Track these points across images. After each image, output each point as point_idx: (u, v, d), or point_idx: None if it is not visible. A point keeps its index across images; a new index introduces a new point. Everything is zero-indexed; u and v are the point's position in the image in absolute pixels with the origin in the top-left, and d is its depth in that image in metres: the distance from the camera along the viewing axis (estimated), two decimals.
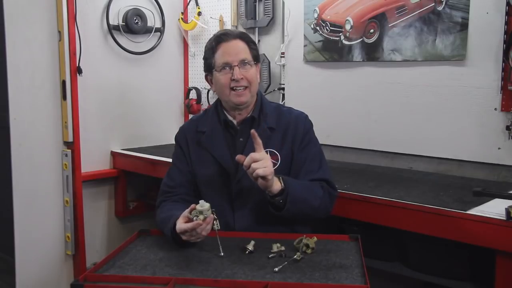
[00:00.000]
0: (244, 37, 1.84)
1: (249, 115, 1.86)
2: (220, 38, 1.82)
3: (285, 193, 1.67)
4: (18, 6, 2.71)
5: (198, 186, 1.90)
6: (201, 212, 1.55)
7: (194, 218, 1.55)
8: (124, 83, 3.24)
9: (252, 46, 1.86)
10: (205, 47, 1.88)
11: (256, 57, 1.86)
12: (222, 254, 1.57)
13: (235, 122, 1.87)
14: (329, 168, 1.90)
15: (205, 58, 1.88)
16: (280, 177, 1.69)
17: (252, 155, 1.60)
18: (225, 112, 1.88)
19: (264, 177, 1.60)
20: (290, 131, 1.86)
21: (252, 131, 1.67)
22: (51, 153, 2.88)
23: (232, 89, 1.79)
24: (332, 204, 1.84)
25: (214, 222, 1.59)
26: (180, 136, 1.96)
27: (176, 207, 1.76)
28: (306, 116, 1.92)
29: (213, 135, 1.88)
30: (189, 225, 1.56)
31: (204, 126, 1.90)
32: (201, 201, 1.58)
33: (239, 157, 1.66)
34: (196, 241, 1.60)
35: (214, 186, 1.85)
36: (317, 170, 1.84)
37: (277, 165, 1.81)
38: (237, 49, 1.80)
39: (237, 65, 1.78)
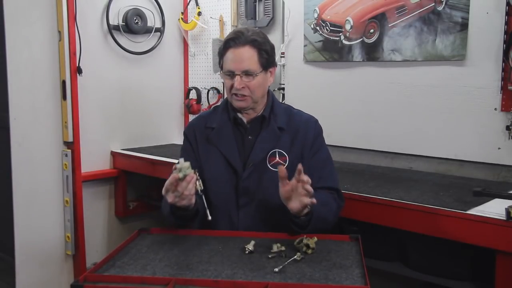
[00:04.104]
0: (255, 44, 1.77)
1: (259, 114, 1.87)
2: (228, 43, 1.78)
3: (310, 214, 1.67)
4: (18, 6, 2.71)
5: (204, 181, 1.87)
6: (180, 170, 1.56)
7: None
8: (124, 83, 3.24)
9: (263, 54, 1.79)
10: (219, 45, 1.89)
11: (267, 65, 1.81)
12: (209, 218, 1.61)
13: (244, 120, 1.87)
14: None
15: (218, 57, 1.88)
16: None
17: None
18: (235, 110, 1.88)
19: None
20: (300, 134, 1.85)
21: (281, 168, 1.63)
22: (51, 153, 2.88)
23: (233, 94, 1.80)
24: (338, 214, 1.84)
25: (197, 182, 1.60)
26: (189, 131, 1.95)
27: None
28: (316, 120, 1.92)
29: (222, 131, 1.88)
30: (167, 180, 1.58)
31: (213, 123, 1.90)
32: (181, 159, 1.59)
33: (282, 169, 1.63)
34: (182, 203, 1.61)
35: (221, 182, 1.84)
36: (328, 177, 1.85)
37: (285, 166, 1.79)
38: (242, 58, 1.76)
39: (239, 75, 1.76)
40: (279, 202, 1.80)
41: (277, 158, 1.82)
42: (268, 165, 1.82)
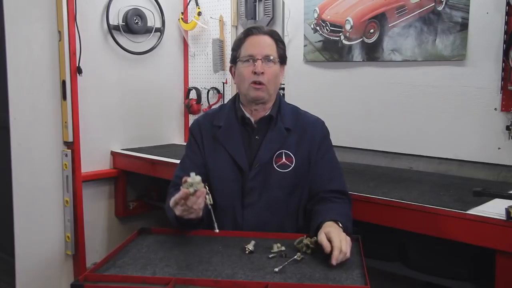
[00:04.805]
0: (273, 35, 1.86)
1: (267, 114, 1.86)
2: (250, 31, 1.85)
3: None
4: (18, 6, 2.71)
5: (209, 180, 1.88)
6: (191, 185, 1.54)
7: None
8: (124, 83, 3.24)
9: (280, 45, 1.87)
10: (235, 39, 1.92)
11: (282, 57, 1.87)
12: (217, 230, 1.58)
13: (252, 119, 1.87)
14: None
15: (232, 49, 1.91)
16: (339, 222, 1.64)
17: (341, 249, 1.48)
18: (243, 109, 1.88)
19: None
20: (307, 135, 1.85)
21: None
22: (51, 153, 2.88)
23: (251, 83, 1.80)
24: None
25: (207, 196, 1.58)
26: (195, 128, 1.94)
27: None
28: (323, 122, 1.93)
29: (229, 130, 1.87)
30: (177, 195, 1.56)
31: (220, 121, 1.90)
32: (192, 174, 1.56)
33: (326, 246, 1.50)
34: (190, 216, 1.60)
35: (226, 181, 1.84)
36: (338, 180, 1.85)
37: (291, 168, 1.81)
38: (264, 44, 1.82)
39: (261, 59, 1.79)
40: (283, 203, 1.83)
41: (284, 159, 1.82)
42: (275, 166, 1.81)
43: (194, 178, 1.55)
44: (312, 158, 1.84)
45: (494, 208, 1.75)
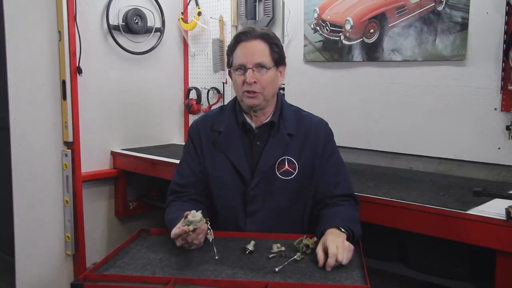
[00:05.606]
0: (266, 38, 1.75)
1: (268, 120, 1.81)
2: (240, 37, 1.75)
3: (351, 237, 1.61)
4: (18, 6, 2.71)
5: (209, 187, 1.85)
6: (191, 222, 1.51)
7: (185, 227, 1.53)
8: (124, 83, 3.24)
9: (275, 48, 1.76)
10: (228, 44, 1.84)
11: (278, 60, 1.78)
12: (216, 257, 1.54)
13: (253, 125, 1.82)
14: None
15: (226, 54, 1.84)
16: (341, 228, 1.61)
17: (336, 256, 1.47)
18: (244, 114, 1.83)
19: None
20: (310, 139, 1.81)
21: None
22: (51, 153, 2.88)
23: (244, 91, 1.75)
24: None
25: (208, 231, 1.55)
26: (194, 131, 1.88)
27: (184, 208, 1.69)
28: (326, 124, 1.88)
29: (230, 136, 1.81)
30: (177, 231, 1.54)
31: (220, 126, 1.84)
32: (193, 211, 1.54)
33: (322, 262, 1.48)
34: (190, 248, 1.58)
35: (228, 189, 1.80)
36: (343, 183, 1.82)
37: (294, 174, 1.77)
38: (254, 51, 1.73)
39: (252, 68, 1.72)
40: (288, 210, 1.80)
41: (286, 166, 1.78)
42: (277, 173, 1.77)
43: (195, 215, 1.52)
44: (316, 162, 1.80)
45: (494, 208, 1.75)
